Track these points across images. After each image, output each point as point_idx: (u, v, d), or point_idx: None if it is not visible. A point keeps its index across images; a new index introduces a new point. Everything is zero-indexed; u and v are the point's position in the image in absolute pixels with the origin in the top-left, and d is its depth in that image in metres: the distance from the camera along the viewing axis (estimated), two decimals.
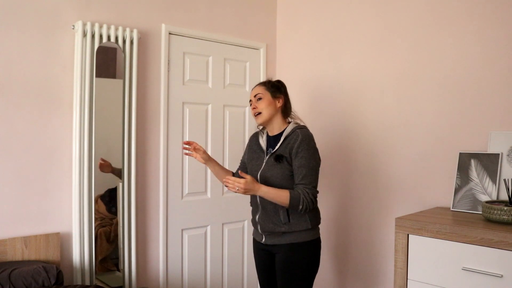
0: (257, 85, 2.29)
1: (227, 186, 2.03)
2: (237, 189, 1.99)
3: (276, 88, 2.25)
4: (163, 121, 2.80)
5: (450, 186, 2.43)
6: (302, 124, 2.27)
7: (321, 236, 2.30)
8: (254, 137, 2.37)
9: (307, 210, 2.08)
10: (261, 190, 2.04)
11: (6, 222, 2.26)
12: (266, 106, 2.19)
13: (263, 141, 2.27)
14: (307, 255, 2.16)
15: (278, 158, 2.14)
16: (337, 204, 2.94)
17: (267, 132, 2.30)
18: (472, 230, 1.90)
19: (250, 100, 2.27)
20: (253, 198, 2.26)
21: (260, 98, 2.21)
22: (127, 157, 2.57)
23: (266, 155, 2.22)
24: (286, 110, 2.26)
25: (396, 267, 2.15)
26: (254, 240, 2.36)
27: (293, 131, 2.18)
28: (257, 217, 2.23)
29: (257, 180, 2.16)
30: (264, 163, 2.20)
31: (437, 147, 2.52)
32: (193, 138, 2.94)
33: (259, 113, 2.20)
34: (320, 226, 2.28)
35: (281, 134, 2.21)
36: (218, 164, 2.35)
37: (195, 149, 2.25)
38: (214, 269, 3.09)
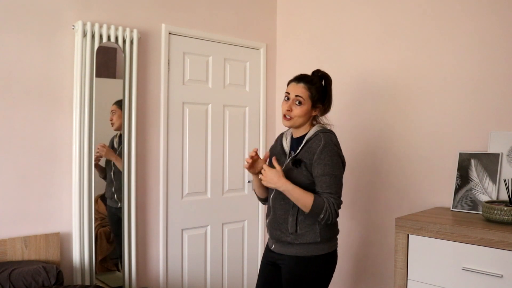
0: (303, 81, 1.98)
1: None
2: (262, 175, 1.91)
3: (319, 98, 1.99)
4: (163, 121, 2.80)
5: (450, 186, 2.43)
6: (328, 127, 2.05)
7: None
8: (280, 138, 2.16)
9: (328, 222, 1.88)
10: (284, 185, 1.87)
11: (6, 222, 2.26)
12: (301, 115, 1.97)
13: (286, 143, 2.08)
14: (314, 270, 1.94)
15: (296, 162, 1.95)
16: None
17: (291, 133, 2.10)
18: (472, 230, 1.90)
19: (287, 93, 1.99)
20: (269, 200, 2.10)
21: (300, 102, 1.96)
22: (127, 157, 2.57)
23: (287, 158, 2.04)
24: (319, 116, 2.06)
25: (396, 267, 2.15)
26: (265, 247, 2.16)
27: (315, 134, 1.97)
28: (267, 221, 2.08)
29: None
30: (284, 167, 2.01)
31: (437, 147, 2.52)
32: (193, 138, 2.94)
33: (290, 117, 1.98)
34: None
35: (303, 136, 2.02)
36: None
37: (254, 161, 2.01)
38: (214, 269, 3.09)
